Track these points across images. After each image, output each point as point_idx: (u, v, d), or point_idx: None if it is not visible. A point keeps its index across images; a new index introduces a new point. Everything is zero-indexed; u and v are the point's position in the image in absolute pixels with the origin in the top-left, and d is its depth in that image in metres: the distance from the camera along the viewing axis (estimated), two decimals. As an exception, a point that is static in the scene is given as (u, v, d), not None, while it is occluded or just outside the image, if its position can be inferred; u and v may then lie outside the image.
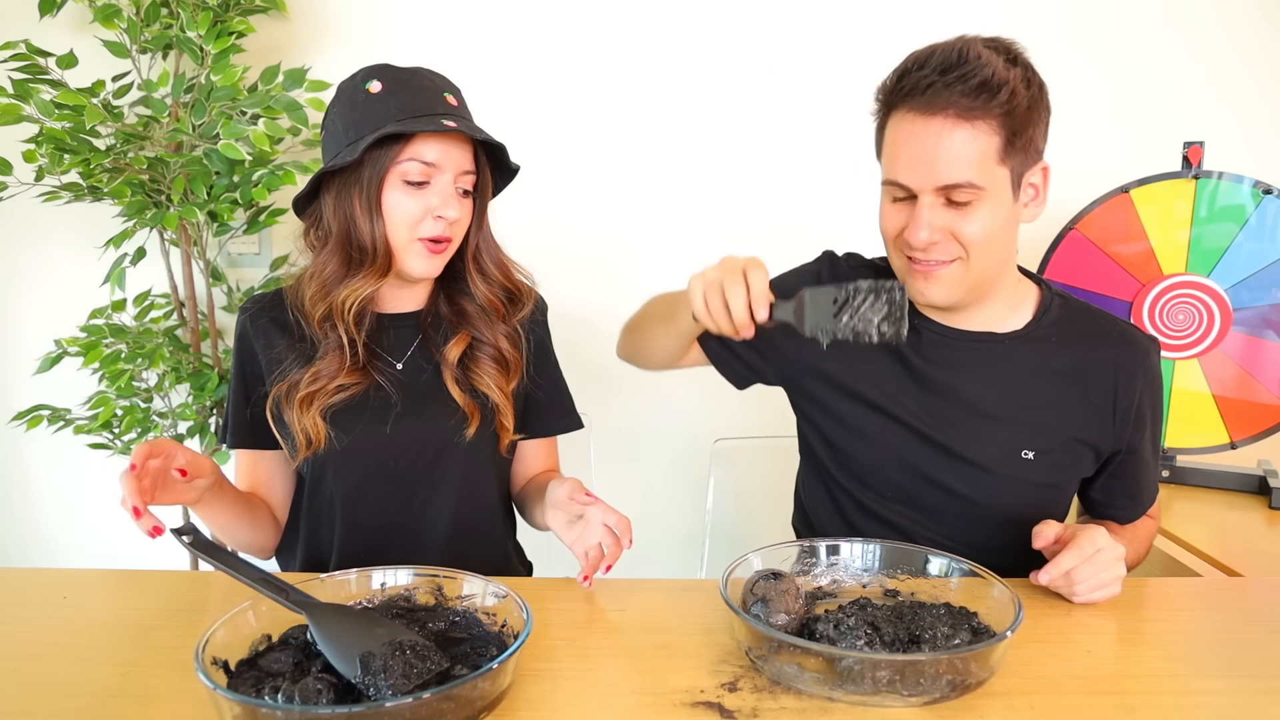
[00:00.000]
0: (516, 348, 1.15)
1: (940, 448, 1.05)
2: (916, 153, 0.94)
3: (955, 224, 0.95)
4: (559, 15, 1.89)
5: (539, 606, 0.81)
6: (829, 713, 0.69)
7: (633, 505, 1.98)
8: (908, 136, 0.95)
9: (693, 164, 1.93)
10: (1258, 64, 1.84)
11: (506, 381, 1.12)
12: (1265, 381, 1.49)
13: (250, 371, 1.11)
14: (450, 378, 1.09)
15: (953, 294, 1.00)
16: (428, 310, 1.14)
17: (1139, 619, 0.88)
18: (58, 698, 0.71)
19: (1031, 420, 1.04)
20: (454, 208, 1.03)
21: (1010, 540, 1.01)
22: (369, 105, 1.01)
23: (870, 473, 1.10)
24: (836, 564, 0.91)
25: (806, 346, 1.03)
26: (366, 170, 1.01)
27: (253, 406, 1.10)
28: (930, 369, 1.06)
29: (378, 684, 0.67)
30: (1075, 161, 1.86)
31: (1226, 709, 0.70)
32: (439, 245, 1.05)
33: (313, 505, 1.12)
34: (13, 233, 1.98)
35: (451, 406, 1.09)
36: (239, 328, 1.12)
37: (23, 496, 2.11)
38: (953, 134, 0.92)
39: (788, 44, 1.89)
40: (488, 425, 1.11)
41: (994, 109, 0.91)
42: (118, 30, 1.68)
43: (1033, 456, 1.03)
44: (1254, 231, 1.48)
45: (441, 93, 1.04)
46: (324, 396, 1.04)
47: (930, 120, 0.93)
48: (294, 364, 1.07)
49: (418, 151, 1.01)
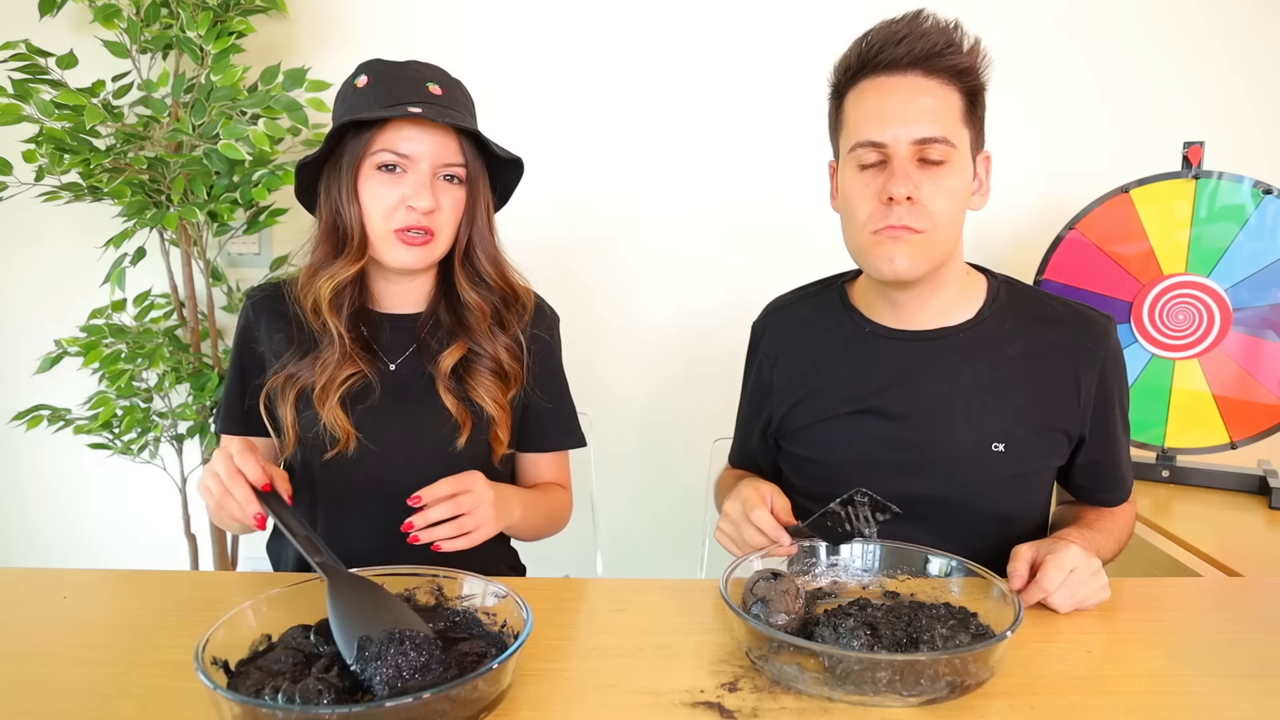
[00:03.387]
0: (517, 359, 1.13)
1: (910, 449, 1.04)
2: (890, 108, 0.95)
3: (926, 188, 0.95)
4: (559, 15, 1.89)
5: (539, 606, 0.81)
6: (829, 713, 0.69)
7: (632, 505, 1.99)
8: (877, 96, 0.96)
9: (692, 165, 1.93)
10: (1257, 64, 1.84)
11: (504, 393, 1.11)
12: (1265, 381, 1.49)
13: (249, 359, 1.11)
14: (444, 386, 1.08)
15: (917, 265, 0.98)
16: (427, 314, 1.13)
17: (1139, 619, 0.88)
18: (58, 698, 0.71)
19: (996, 411, 1.03)
20: (425, 198, 1.01)
21: (994, 535, 1.02)
22: (355, 98, 1.04)
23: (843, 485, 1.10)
24: (836, 564, 0.91)
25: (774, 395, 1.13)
26: (345, 160, 1.03)
27: (249, 395, 1.10)
28: (889, 375, 1.06)
29: (369, 671, 0.67)
30: (1075, 161, 1.87)
31: (1226, 709, 0.70)
32: (415, 237, 1.03)
33: (299, 505, 1.10)
34: (13, 233, 1.98)
35: (443, 415, 1.08)
36: (242, 316, 1.13)
37: (23, 496, 2.11)
38: (922, 90, 0.95)
39: (787, 44, 1.89)
40: (480, 436, 1.10)
41: (953, 64, 0.95)
42: (118, 30, 1.68)
43: (1003, 448, 1.02)
44: (1254, 231, 1.48)
45: (425, 83, 1.03)
46: (335, 388, 1.04)
47: (900, 79, 0.95)
48: (292, 356, 1.07)
49: (389, 141, 1.01)
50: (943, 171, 0.96)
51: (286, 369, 1.06)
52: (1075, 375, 1.04)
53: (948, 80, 0.96)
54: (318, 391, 1.05)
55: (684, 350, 1.99)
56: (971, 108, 0.98)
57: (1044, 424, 1.04)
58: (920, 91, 0.95)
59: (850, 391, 1.08)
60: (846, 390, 1.08)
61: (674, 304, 1.99)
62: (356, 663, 0.69)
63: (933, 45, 0.94)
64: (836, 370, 1.09)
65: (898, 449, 1.05)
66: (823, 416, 1.09)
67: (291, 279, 1.12)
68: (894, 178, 0.94)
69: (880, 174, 0.96)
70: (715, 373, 1.19)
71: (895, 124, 0.94)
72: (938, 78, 0.95)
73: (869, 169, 0.98)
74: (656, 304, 1.99)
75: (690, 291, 1.98)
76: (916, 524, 1.07)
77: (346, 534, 1.09)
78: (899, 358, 1.06)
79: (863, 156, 0.97)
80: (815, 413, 1.10)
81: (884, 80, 0.96)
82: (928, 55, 0.94)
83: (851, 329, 1.10)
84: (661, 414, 2.00)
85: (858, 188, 0.99)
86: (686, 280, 1.98)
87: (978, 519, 1.04)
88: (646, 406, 2.02)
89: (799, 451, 1.12)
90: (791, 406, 1.12)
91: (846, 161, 1.00)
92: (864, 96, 0.97)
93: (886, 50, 0.95)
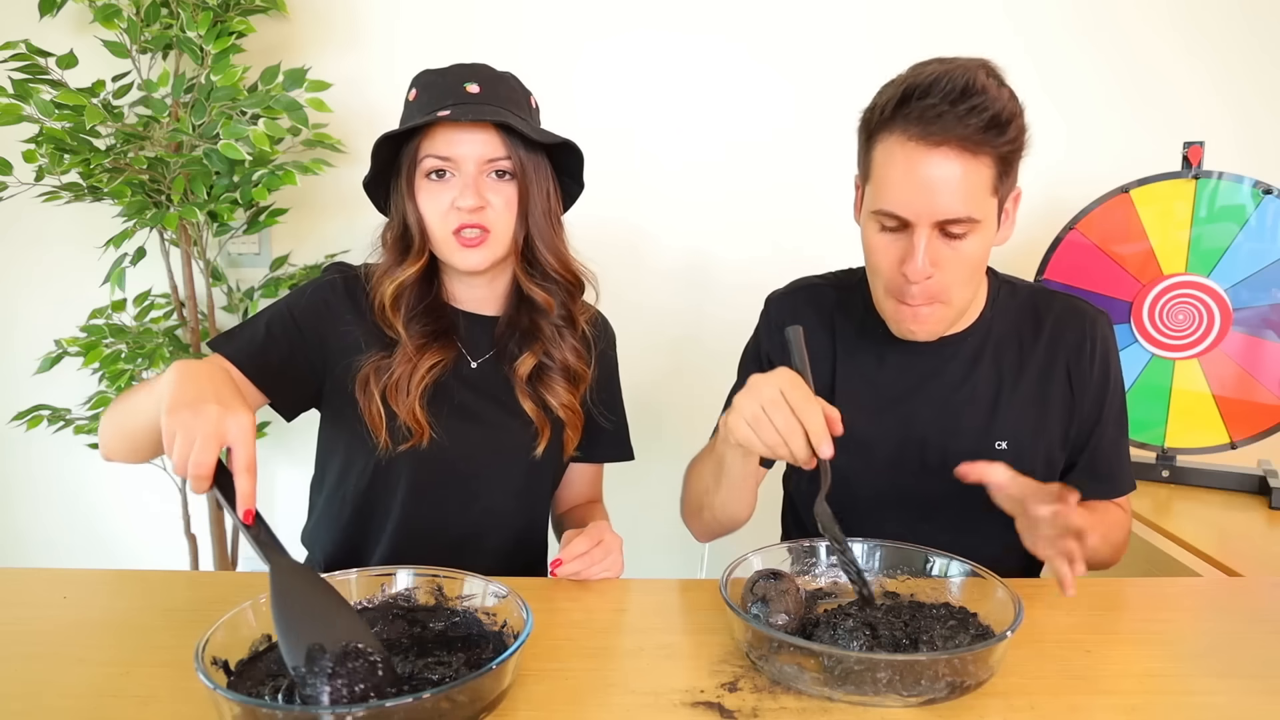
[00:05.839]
0: (583, 359, 1.14)
1: (916, 448, 1.06)
2: (917, 184, 0.90)
3: (946, 256, 0.94)
4: (560, 15, 1.89)
5: (539, 606, 0.81)
6: (829, 713, 0.69)
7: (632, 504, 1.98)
8: (906, 166, 0.91)
9: (691, 166, 1.93)
10: (1257, 64, 1.84)
11: (574, 395, 1.13)
12: (1265, 381, 1.49)
13: (310, 326, 1.07)
14: (522, 391, 1.10)
15: (935, 331, 1.01)
16: (504, 317, 1.14)
17: (1139, 619, 0.88)
18: (58, 698, 0.71)
19: (1000, 410, 1.05)
20: (470, 196, 1.02)
21: (1000, 536, 1.01)
22: (407, 112, 1.08)
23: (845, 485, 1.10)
24: (836, 564, 0.91)
25: None
26: (403, 171, 1.06)
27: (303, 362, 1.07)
28: (901, 379, 1.07)
29: (315, 685, 0.63)
30: (1075, 161, 1.87)
31: (1226, 709, 0.70)
32: (471, 237, 1.04)
33: (368, 496, 1.09)
34: (13, 233, 1.98)
35: (524, 419, 1.10)
36: (326, 288, 1.10)
37: (23, 496, 2.11)
38: (955, 166, 0.89)
39: (785, 43, 1.89)
40: (555, 439, 1.12)
41: (1000, 145, 0.89)
42: (118, 30, 1.67)
43: (1006, 446, 1.04)
44: (1254, 231, 1.48)
45: (463, 83, 1.04)
46: (415, 382, 1.04)
47: (933, 151, 0.89)
48: (372, 349, 1.07)
49: (432, 146, 1.03)
50: (965, 242, 0.93)
51: (372, 360, 1.06)
52: (1068, 367, 1.06)
53: (986, 154, 0.90)
54: (395, 383, 1.04)
55: (686, 348, 1.99)
56: (1004, 173, 0.93)
57: (1043, 419, 1.05)
58: (954, 166, 0.89)
59: (862, 390, 1.08)
60: (859, 388, 1.08)
61: (676, 300, 1.99)
62: (304, 670, 0.64)
63: (978, 126, 0.88)
64: (850, 366, 1.10)
65: (905, 449, 1.06)
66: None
67: (372, 269, 1.11)
68: (911, 259, 0.93)
69: (901, 238, 0.94)
70: (718, 370, 1.19)
71: (921, 204, 0.91)
72: (976, 154, 0.89)
73: (889, 231, 0.96)
74: (658, 300, 1.99)
75: (694, 287, 1.98)
76: (923, 524, 1.07)
77: (416, 528, 1.09)
78: (910, 362, 1.08)
79: (883, 220, 0.95)
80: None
81: (915, 148, 0.90)
82: (975, 130, 0.88)
83: (870, 327, 1.10)
84: (661, 413, 2.00)
85: (879, 246, 0.97)
86: (689, 276, 1.98)
87: (982, 520, 1.04)
88: (645, 406, 2.02)
89: None
90: None
91: (868, 214, 0.98)
92: (895, 157, 0.92)
93: (928, 117, 0.88)
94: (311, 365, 1.08)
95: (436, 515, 1.10)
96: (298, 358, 1.07)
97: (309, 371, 1.08)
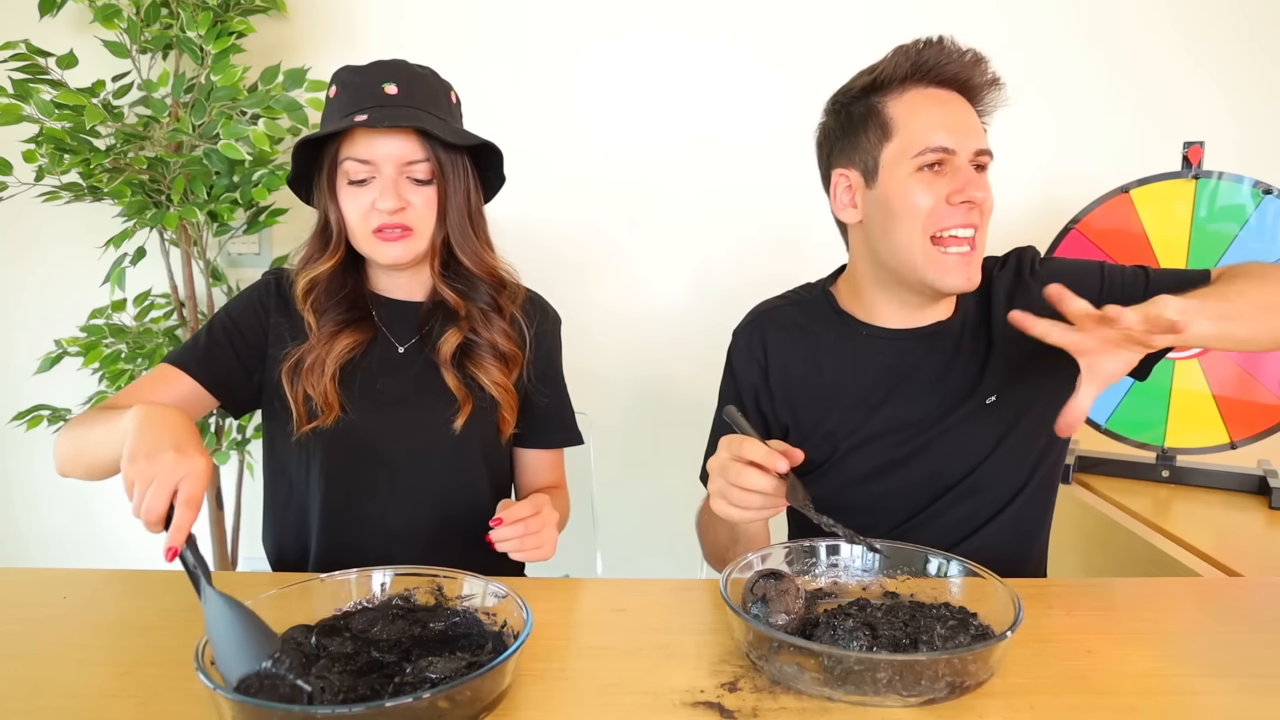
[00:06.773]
0: (514, 342, 1.15)
1: (920, 439, 1.06)
2: (953, 116, 0.99)
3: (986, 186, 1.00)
4: (560, 14, 1.89)
5: (539, 606, 0.81)
6: (829, 713, 0.69)
7: (632, 505, 1.98)
8: (935, 105, 1.00)
9: (690, 165, 1.93)
10: (1257, 64, 1.84)
11: (507, 376, 1.13)
12: (1265, 381, 1.49)
13: (247, 325, 1.12)
14: (446, 369, 1.11)
15: (975, 278, 1.01)
16: (428, 301, 1.15)
17: (1139, 619, 0.88)
18: (57, 698, 0.71)
19: (987, 375, 1.05)
20: (390, 199, 1.03)
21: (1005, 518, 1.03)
22: (327, 110, 1.09)
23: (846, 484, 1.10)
24: (836, 564, 0.91)
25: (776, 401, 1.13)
26: (324, 170, 1.07)
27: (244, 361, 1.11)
28: (894, 373, 1.08)
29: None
30: (1075, 161, 1.87)
31: (1226, 709, 0.70)
32: (392, 233, 1.05)
33: (292, 481, 1.13)
34: (13, 233, 1.98)
35: (447, 397, 1.10)
36: (261, 288, 1.15)
37: (23, 496, 2.11)
38: (970, 109, 1.02)
39: (783, 42, 1.89)
40: (485, 417, 1.12)
41: (991, 100, 1.03)
42: (118, 30, 1.68)
43: (996, 398, 1.05)
44: (1254, 231, 1.48)
45: (381, 84, 1.04)
46: (324, 365, 1.06)
47: (951, 94, 1.01)
48: (293, 340, 1.10)
49: (351, 149, 1.04)
50: (985, 176, 1.02)
51: (295, 350, 1.09)
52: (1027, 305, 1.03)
53: (975, 105, 1.03)
54: (310, 367, 1.07)
55: (685, 349, 1.99)
56: None
57: (1024, 365, 1.04)
58: (968, 107, 1.02)
59: (859, 392, 1.08)
60: (855, 392, 1.09)
61: (674, 303, 1.99)
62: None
63: (988, 79, 1.01)
64: (839, 373, 1.10)
65: (908, 444, 1.06)
66: (833, 419, 1.09)
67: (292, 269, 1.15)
68: (972, 181, 0.98)
69: (943, 174, 0.99)
70: (717, 371, 1.19)
71: (963, 134, 0.99)
72: (970, 101, 1.02)
73: (929, 171, 0.99)
74: (656, 302, 1.99)
75: (694, 285, 1.98)
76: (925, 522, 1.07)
77: (350, 512, 1.11)
78: (900, 355, 1.08)
79: (925, 159, 0.99)
80: (824, 414, 1.10)
81: (937, 92, 1.01)
82: (981, 81, 1.01)
83: (848, 332, 1.11)
84: (660, 414, 2.00)
85: (920, 187, 0.99)
86: (688, 279, 1.98)
87: (981, 500, 1.05)
88: (646, 406, 2.02)
89: (811, 455, 1.12)
90: (797, 410, 1.12)
91: (899, 166, 1.00)
92: (918, 105, 1.00)
93: (938, 68, 1.00)
94: (250, 363, 1.12)
95: (363, 500, 1.10)
96: (240, 358, 1.11)
97: (248, 370, 1.12)
